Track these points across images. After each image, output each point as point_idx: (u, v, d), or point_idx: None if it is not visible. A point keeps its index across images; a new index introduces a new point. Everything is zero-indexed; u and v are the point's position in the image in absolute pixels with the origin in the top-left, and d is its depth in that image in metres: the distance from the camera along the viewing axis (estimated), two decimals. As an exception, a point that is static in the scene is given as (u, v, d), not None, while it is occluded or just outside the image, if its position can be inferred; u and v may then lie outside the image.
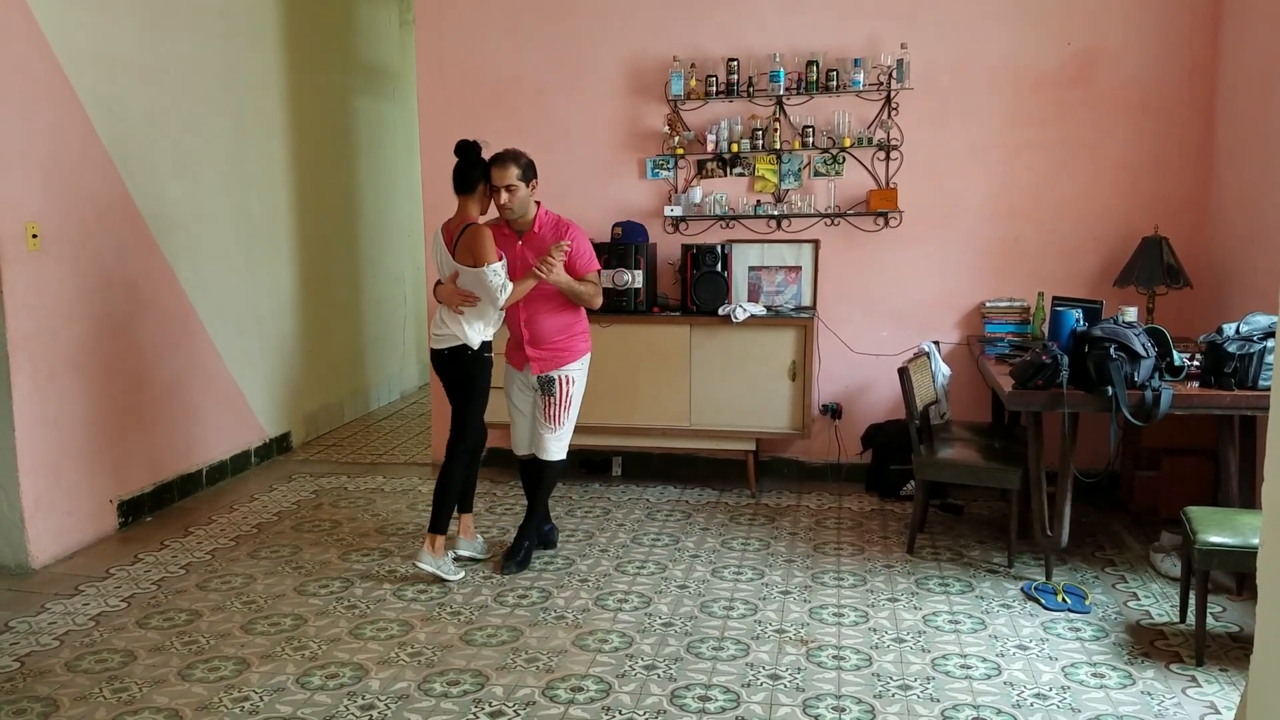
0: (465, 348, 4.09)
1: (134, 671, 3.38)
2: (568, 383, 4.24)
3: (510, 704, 3.13)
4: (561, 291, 4.13)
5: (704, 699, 3.16)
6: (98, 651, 3.53)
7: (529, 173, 4.08)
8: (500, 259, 3.98)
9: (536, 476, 4.36)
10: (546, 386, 4.23)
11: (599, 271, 4.33)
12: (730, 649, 3.50)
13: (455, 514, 4.31)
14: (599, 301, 4.28)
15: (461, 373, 4.14)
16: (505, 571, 4.21)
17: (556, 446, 4.29)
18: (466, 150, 4.07)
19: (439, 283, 4.18)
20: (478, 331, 4.09)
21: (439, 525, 4.14)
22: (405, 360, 8.28)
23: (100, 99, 4.67)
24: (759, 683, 3.25)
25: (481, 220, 4.08)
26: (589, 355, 4.35)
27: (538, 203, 4.20)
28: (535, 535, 4.39)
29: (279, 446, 6.25)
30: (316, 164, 6.67)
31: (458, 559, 4.32)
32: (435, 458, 6.04)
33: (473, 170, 4.05)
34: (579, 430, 5.31)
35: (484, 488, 5.31)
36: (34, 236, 4.27)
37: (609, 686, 3.24)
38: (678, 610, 3.83)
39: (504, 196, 4.03)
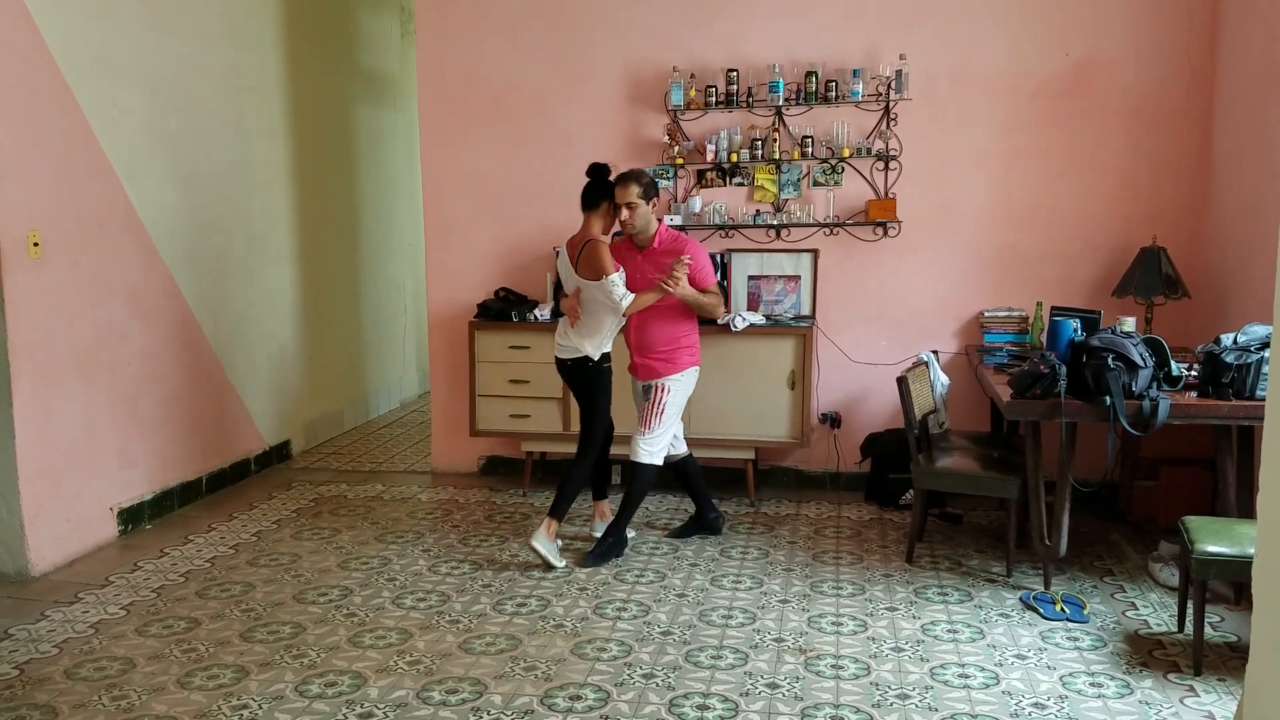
0: (586, 359, 4.41)
1: (133, 679, 3.38)
2: (663, 391, 4.46)
3: (509, 712, 3.14)
4: (687, 304, 4.39)
5: (702, 708, 3.16)
6: (97, 659, 3.54)
7: (650, 191, 4.38)
8: (619, 269, 4.29)
9: (683, 475, 4.74)
10: (646, 392, 4.48)
11: (719, 284, 4.59)
12: (729, 658, 3.51)
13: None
14: (722, 311, 4.61)
15: (585, 382, 4.48)
16: (583, 565, 4.39)
17: (643, 450, 4.47)
18: (595, 171, 4.42)
19: (564, 295, 4.54)
20: (595, 344, 4.40)
21: (557, 511, 4.42)
22: (405, 368, 8.28)
23: (101, 106, 4.69)
24: (757, 692, 3.26)
25: (603, 237, 4.40)
26: (694, 369, 4.55)
27: (660, 219, 4.50)
28: (619, 536, 4.51)
29: (279, 454, 6.26)
30: (317, 171, 6.69)
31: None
32: (435, 466, 6.04)
33: (596, 189, 4.39)
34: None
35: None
36: (35, 244, 4.29)
37: (607, 695, 3.24)
38: (676, 619, 3.84)
39: (625, 213, 4.35)
